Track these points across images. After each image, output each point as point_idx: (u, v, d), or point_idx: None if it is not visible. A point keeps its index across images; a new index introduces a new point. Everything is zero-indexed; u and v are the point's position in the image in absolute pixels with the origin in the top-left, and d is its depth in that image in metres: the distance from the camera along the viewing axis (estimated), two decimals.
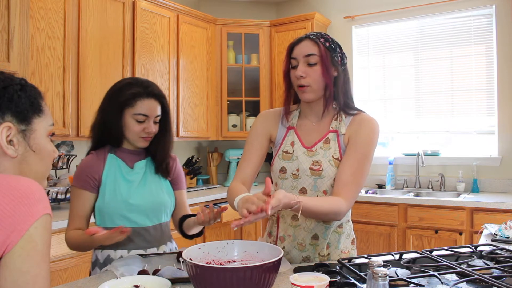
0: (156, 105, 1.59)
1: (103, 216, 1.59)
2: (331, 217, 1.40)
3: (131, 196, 1.59)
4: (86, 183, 1.58)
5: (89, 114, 2.94)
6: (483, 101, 3.64)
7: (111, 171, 1.60)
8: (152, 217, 1.63)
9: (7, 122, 0.88)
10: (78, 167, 1.63)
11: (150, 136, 1.61)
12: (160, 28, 3.50)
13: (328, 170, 1.45)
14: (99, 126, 1.63)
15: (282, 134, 1.57)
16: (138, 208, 1.59)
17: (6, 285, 0.75)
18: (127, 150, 1.65)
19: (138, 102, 1.56)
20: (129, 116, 1.57)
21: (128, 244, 1.58)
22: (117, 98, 1.58)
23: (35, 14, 2.62)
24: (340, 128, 1.49)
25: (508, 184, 3.48)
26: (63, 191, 2.80)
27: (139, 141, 1.60)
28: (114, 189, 1.58)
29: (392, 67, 4.04)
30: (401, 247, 3.28)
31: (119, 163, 1.62)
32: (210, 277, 1.00)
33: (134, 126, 1.57)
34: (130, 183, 1.61)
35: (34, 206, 0.77)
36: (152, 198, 1.62)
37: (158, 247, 1.64)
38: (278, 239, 1.55)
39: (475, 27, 3.65)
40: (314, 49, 1.44)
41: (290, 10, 4.51)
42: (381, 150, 4.09)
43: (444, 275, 1.20)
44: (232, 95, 4.24)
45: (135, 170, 1.64)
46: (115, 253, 1.58)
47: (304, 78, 1.44)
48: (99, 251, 1.61)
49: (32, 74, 2.59)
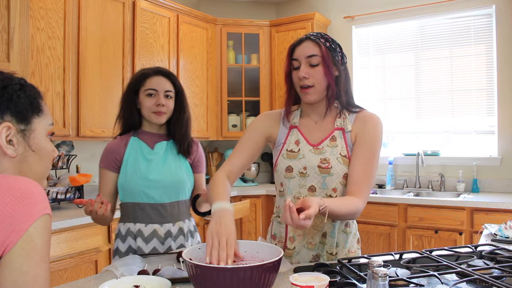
0: (164, 80, 1.75)
1: (125, 192, 1.74)
2: (350, 217, 1.42)
3: (150, 172, 1.72)
4: (109, 164, 1.75)
5: (89, 114, 2.94)
6: (483, 101, 3.64)
7: (133, 152, 1.75)
8: (170, 194, 1.74)
9: (6, 122, 0.88)
10: (104, 149, 1.79)
11: (163, 111, 1.72)
12: (160, 28, 3.50)
13: (336, 167, 1.46)
14: (122, 112, 1.79)
15: (284, 134, 1.57)
16: (156, 184, 1.71)
17: (6, 285, 0.75)
18: (149, 132, 1.80)
19: (147, 80, 1.74)
20: (141, 94, 1.74)
21: (145, 218, 1.72)
22: (131, 83, 1.79)
23: (35, 14, 2.62)
24: (346, 126, 1.51)
25: (508, 184, 3.48)
26: (63, 191, 2.80)
27: (153, 116, 1.73)
28: (134, 167, 1.72)
29: (392, 67, 4.04)
30: (401, 247, 3.28)
31: (141, 145, 1.77)
32: (210, 277, 1.00)
33: (146, 102, 1.73)
34: (150, 161, 1.74)
35: (33, 206, 0.77)
36: (170, 176, 1.74)
37: (174, 223, 1.75)
38: (288, 240, 1.54)
39: (475, 27, 3.65)
40: (315, 49, 1.45)
41: (290, 10, 4.51)
42: (381, 150, 4.08)
43: (444, 275, 1.20)
44: (232, 95, 4.24)
45: (155, 150, 1.77)
46: (134, 226, 1.72)
47: (307, 79, 1.45)
48: (121, 224, 1.77)
49: (32, 74, 2.59)
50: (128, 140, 1.77)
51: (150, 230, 1.71)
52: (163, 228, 1.72)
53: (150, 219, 1.71)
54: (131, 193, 1.72)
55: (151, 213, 1.72)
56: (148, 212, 1.72)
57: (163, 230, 1.72)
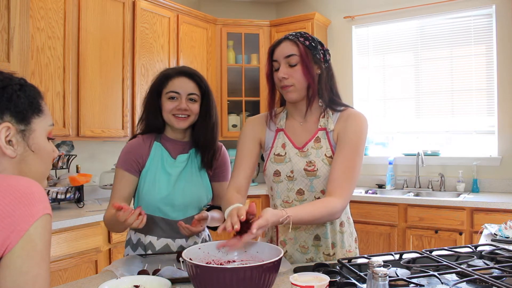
0: (187, 82, 1.60)
1: (140, 201, 1.63)
2: (327, 219, 1.40)
3: (168, 190, 1.59)
4: (130, 166, 1.60)
5: (89, 114, 2.94)
6: (483, 101, 3.64)
7: (155, 160, 1.61)
8: (186, 211, 1.64)
9: (6, 122, 0.87)
10: (124, 148, 1.64)
11: (185, 114, 1.58)
12: (160, 28, 3.50)
13: (322, 169, 1.45)
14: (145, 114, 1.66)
15: (271, 138, 1.55)
16: (173, 204, 1.61)
17: (6, 285, 0.75)
18: (171, 139, 1.66)
19: (169, 81, 1.60)
20: (163, 97, 1.60)
21: (158, 231, 1.61)
22: (153, 85, 1.64)
23: (35, 14, 2.62)
24: (328, 125, 1.48)
25: (508, 184, 3.48)
26: (63, 191, 2.80)
27: (174, 120, 1.59)
28: (154, 180, 1.59)
29: (392, 67, 4.04)
30: (401, 247, 3.28)
31: (163, 153, 1.63)
32: (210, 277, 1.00)
33: (167, 105, 1.58)
34: (169, 176, 1.61)
35: (34, 206, 0.77)
36: (189, 196, 1.63)
37: (188, 238, 1.65)
38: (279, 244, 1.53)
39: (475, 27, 3.65)
40: (293, 49, 1.43)
41: (290, 10, 4.51)
42: (381, 150, 4.09)
43: (444, 275, 1.20)
44: (232, 95, 4.24)
45: (176, 163, 1.63)
46: (145, 237, 1.62)
47: (286, 79, 1.44)
48: (132, 232, 1.66)
49: (32, 74, 2.59)
50: (151, 143, 1.63)
51: (161, 244, 1.61)
52: (175, 243, 1.62)
53: (163, 232, 1.61)
54: (145, 206, 1.60)
55: (165, 228, 1.62)
56: (162, 226, 1.62)
57: (175, 245, 1.62)
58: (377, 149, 4.10)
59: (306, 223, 1.36)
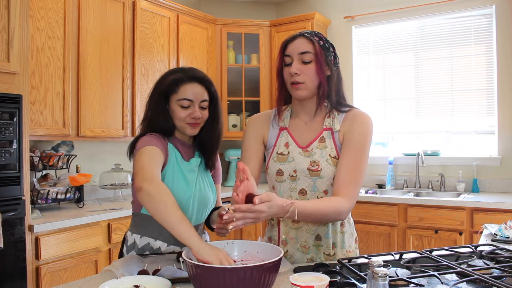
0: (200, 89, 1.54)
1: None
2: (332, 218, 1.39)
3: (187, 197, 1.54)
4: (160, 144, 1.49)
5: (89, 114, 2.94)
6: (483, 101, 3.64)
7: (171, 160, 1.55)
8: (197, 215, 1.60)
9: None
10: (143, 139, 1.51)
11: (198, 122, 1.55)
12: (160, 28, 3.50)
13: (326, 169, 1.44)
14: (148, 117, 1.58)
15: (274, 136, 1.55)
16: (188, 205, 1.55)
17: None
18: (180, 140, 1.61)
19: (180, 87, 1.53)
20: (174, 103, 1.54)
21: (169, 238, 1.54)
22: (160, 86, 1.57)
23: (35, 14, 2.62)
24: (334, 125, 1.48)
25: (508, 184, 3.48)
26: (63, 191, 2.80)
27: (187, 127, 1.55)
28: (172, 184, 1.52)
29: (392, 67, 4.04)
30: (401, 247, 3.28)
31: (177, 155, 1.57)
32: (210, 277, 1.00)
33: (179, 112, 1.53)
34: (187, 182, 1.56)
35: None
36: (201, 198, 1.59)
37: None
38: (280, 243, 1.53)
39: (475, 27, 3.65)
40: (309, 46, 1.43)
41: (290, 10, 4.51)
42: (381, 150, 4.09)
43: (444, 275, 1.20)
44: (232, 95, 4.24)
45: (191, 167, 1.59)
46: (154, 242, 1.56)
47: (298, 75, 1.43)
48: (137, 236, 1.57)
49: (32, 74, 2.59)
50: (166, 143, 1.56)
51: (170, 251, 1.57)
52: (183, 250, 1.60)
53: (174, 240, 1.54)
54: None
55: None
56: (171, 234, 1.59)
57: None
58: (377, 149, 4.10)
59: (311, 217, 1.34)
